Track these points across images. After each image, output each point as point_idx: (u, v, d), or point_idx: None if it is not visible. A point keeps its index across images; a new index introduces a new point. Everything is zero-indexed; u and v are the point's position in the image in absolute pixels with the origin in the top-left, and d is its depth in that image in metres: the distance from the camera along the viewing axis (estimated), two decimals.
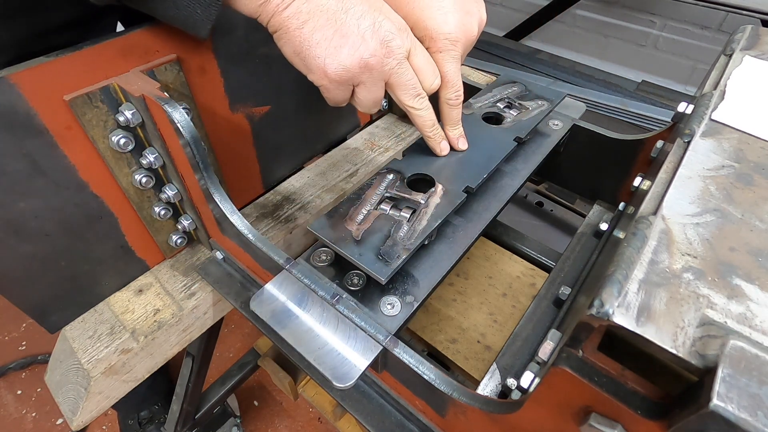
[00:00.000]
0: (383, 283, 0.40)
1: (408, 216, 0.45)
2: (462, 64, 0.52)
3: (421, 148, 0.53)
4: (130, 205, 0.54)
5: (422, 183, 0.50)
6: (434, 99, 0.50)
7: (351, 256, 0.41)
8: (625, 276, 0.26)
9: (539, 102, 0.60)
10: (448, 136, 0.53)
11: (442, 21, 0.47)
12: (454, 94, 0.50)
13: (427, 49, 0.48)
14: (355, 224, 0.44)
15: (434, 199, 0.47)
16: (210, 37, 0.53)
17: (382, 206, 0.46)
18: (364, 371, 0.38)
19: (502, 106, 0.60)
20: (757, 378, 0.21)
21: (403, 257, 0.40)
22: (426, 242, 0.44)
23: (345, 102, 0.47)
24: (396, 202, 0.47)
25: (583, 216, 0.94)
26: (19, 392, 1.43)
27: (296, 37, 0.41)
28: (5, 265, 0.46)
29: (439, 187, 0.48)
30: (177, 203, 0.56)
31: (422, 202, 0.46)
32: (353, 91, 0.46)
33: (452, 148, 0.53)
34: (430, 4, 0.47)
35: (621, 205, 0.57)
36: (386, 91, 0.48)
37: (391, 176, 0.50)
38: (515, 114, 0.58)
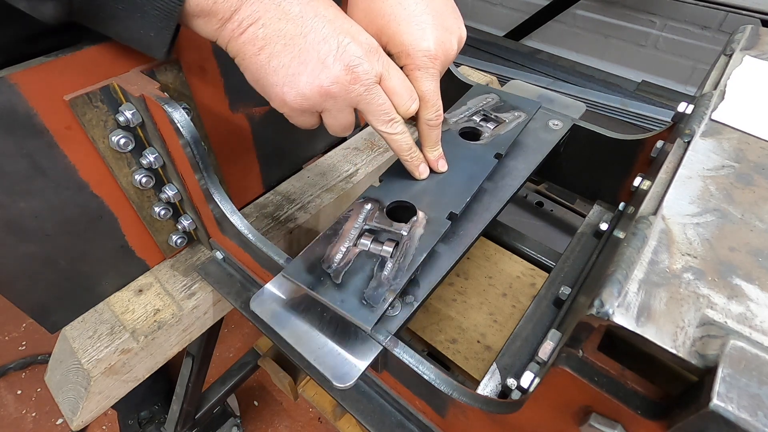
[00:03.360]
0: (368, 332, 0.38)
1: (391, 250, 0.42)
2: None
3: (398, 171, 0.50)
4: (130, 205, 0.54)
5: (402, 210, 0.47)
6: (412, 117, 0.48)
7: (332, 303, 0.38)
8: (625, 276, 0.26)
9: (516, 113, 0.58)
10: (428, 158, 0.50)
11: (420, 37, 0.44)
12: (434, 114, 0.47)
13: (403, 66, 0.45)
14: (334, 265, 0.41)
15: (417, 230, 0.44)
16: None
17: (362, 241, 0.43)
18: (364, 371, 0.38)
19: (478, 120, 0.57)
20: (757, 378, 0.21)
21: (389, 300, 0.38)
22: (413, 277, 0.42)
23: (314, 127, 0.45)
24: (377, 235, 0.44)
25: (583, 216, 0.94)
26: (19, 392, 1.43)
27: (253, 63, 0.39)
28: (5, 265, 0.46)
29: (422, 215, 0.46)
30: (177, 203, 0.56)
31: (405, 233, 0.44)
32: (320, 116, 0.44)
33: (432, 170, 0.51)
34: (407, 19, 0.44)
35: (621, 205, 0.57)
36: None
37: (369, 206, 0.47)
38: (492, 127, 0.56)
